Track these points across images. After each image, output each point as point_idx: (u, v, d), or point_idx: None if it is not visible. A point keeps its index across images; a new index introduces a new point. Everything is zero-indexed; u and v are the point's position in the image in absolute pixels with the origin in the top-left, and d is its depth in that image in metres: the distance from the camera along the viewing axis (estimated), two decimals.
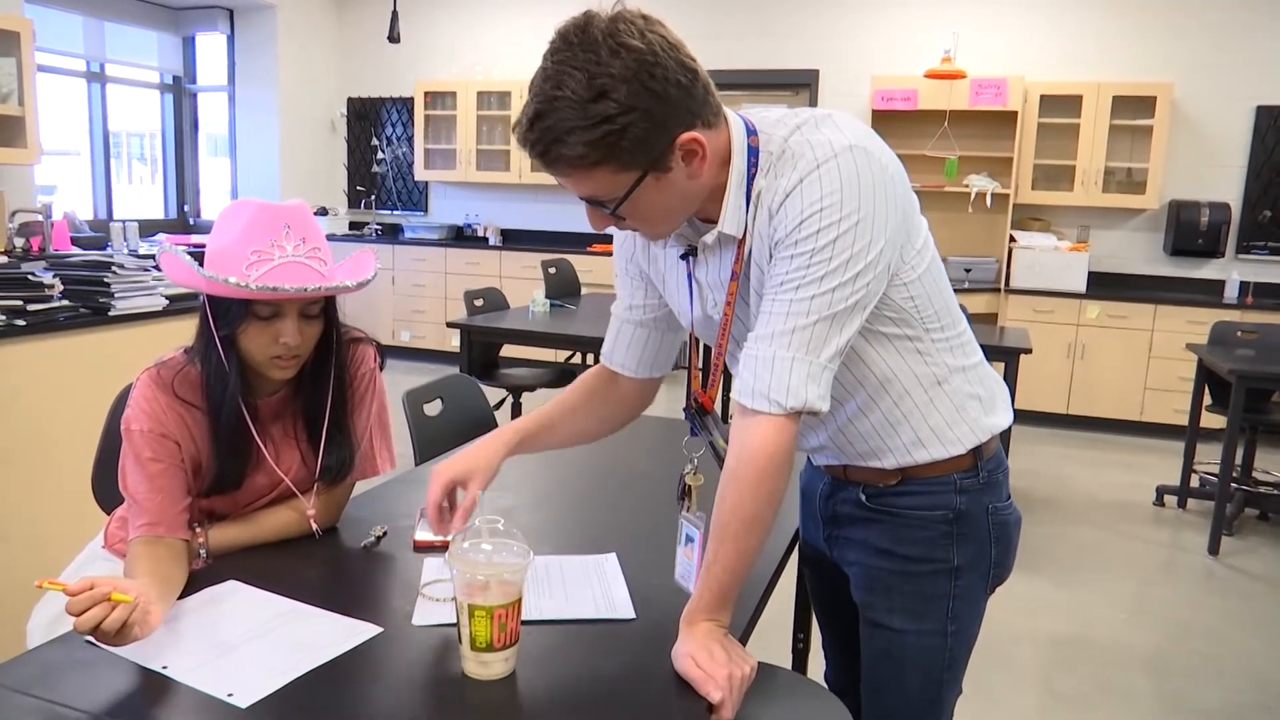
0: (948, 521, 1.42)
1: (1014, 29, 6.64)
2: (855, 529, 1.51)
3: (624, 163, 1.19)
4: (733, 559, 1.25)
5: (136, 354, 1.58)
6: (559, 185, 1.29)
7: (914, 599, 1.46)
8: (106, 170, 7.28)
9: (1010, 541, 1.49)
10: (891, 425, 1.40)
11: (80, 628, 1.15)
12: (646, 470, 2.17)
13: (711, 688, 1.15)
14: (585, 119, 1.13)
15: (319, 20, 8.19)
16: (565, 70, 1.14)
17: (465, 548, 1.21)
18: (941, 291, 1.37)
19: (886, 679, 1.51)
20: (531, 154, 1.20)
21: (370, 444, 1.72)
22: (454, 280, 7.66)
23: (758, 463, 1.24)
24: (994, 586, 1.49)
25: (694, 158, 1.23)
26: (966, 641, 1.49)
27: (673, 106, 1.18)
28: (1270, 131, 6.22)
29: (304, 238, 1.50)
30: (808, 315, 1.21)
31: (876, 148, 1.25)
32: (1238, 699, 2.91)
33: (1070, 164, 6.39)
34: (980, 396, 1.42)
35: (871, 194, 1.21)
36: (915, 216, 1.33)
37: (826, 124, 1.27)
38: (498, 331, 4.55)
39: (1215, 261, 6.43)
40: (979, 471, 1.43)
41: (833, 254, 1.20)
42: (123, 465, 1.50)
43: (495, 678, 1.18)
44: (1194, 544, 4.29)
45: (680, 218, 1.33)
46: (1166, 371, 6.07)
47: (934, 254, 1.37)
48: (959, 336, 1.41)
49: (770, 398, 1.23)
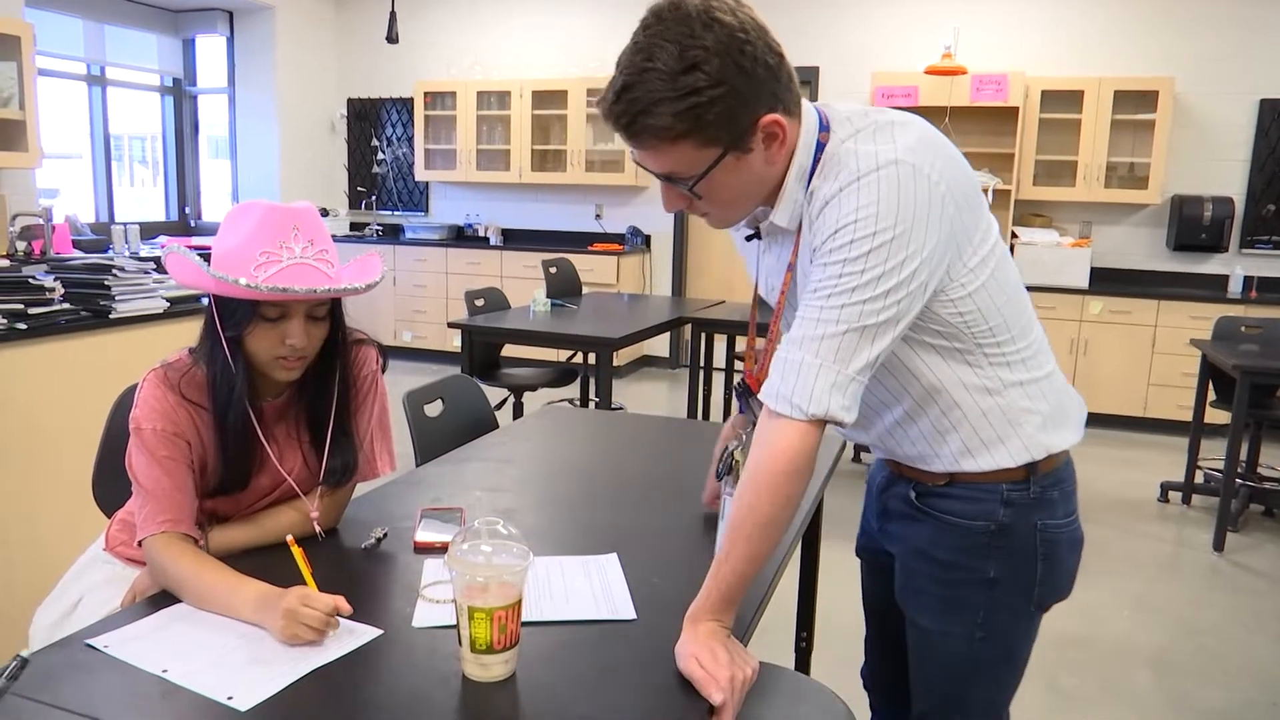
0: (988, 533, 1.40)
1: (1014, 24, 6.63)
2: (901, 525, 1.52)
3: (707, 137, 1.20)
4: (743, 561, 1.25)
5: (137, 357, 1.58)
6: (559, 185, 1.29)
7: (942, 602, 1.46)
8: (108, 173, 7.29)
9: (1059, 560, 1.44)
10: (939, 433, 1.39)
11: (313, 624, 1.25)
12: (648, 471, 2.16)
13: (713, 689, 1.14)
14: (674, 90, 1.15)
15: (318, 21, 8.19)
16: (657, 43, 1.16)
17: (465, 549, 1.20)
18: (1003, 306, 1.33)
19: (916, 669, 1.54)
20: (616, 126, 1.22)
21: (371, 446, 1.72)
22: (455, 280, 7.66)
23: (777, 467, 1.24)
24: (1045, 604, 1.46)
25: (774, 141, 1.25)
26: (1002, 653, 1.47)
27: (760, 86, 1.20)
28: (1274, 125, 6.20)
29: (312, 239, 1.50)
30: (837, 324, 1.21)
31: (929, 163, 1.23)
32: (1242, 697, 2.90)
33: (1072, 159, 6.37)
34: (1041, 412, 1.39)
35: (911, 212, 1.19)
36: (971, 232, 1.29)
37: (884, 133, 1.26)
38: (499, 331, 4.54)
39: (1219, 256, 6.41)
40: (1030, 485, 1.40)
41: (864, 267, 1.19)
42: (131, 464, 1.50)
43: (495, 680, 1.17)
44: (1198, 540, 4.28)
45: (749, 206, 1.35)
46: (1170, 367, 6.06)
47: (999, 266, 1.33)
48: (1021, 351, 1.37)
49: (793, 402, 1.23)
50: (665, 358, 7.88)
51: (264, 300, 1.46)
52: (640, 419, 2.82)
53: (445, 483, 1.96)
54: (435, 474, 2.02)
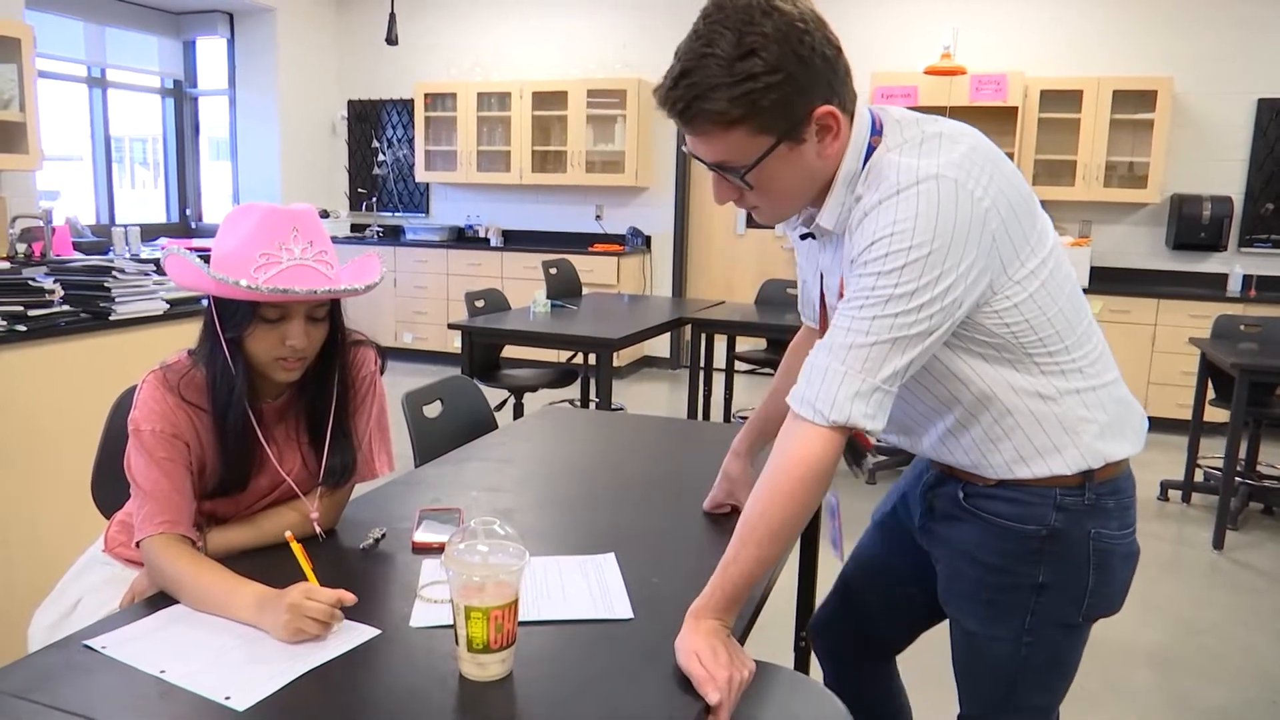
0: (1039, 538, 1.39)
1: (1013, 24, 6.63)
2: (948, 526, 1.50)
3: (762, 124, 1.21)
4: (751, 563, 1.26)
5: (137, 359, 1.58)
6: (559, 186, 1.31)
7: (988, 606, 1.46)
8: (108, 175, 7.30)
9: (1112, 572, 1.42)
10: (992, 441, 1.38)
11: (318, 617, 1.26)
12: (647, 471, 2.17)
13: (711, 689, 1.15)
14: (731, 76, 1.17)
15: (318, 23, 8.20)
16: (716, 30, 1.17)
17: (461, 549, 1.21)
18: (1054, 317, 1.32)
19: (961, 667, 1.54)
20: (671, 112, 1.23)
21: (369, 446, 1.72)
22: (455, 281, 7.66)
23: (795, 473, 1.24)
24: (1095, 615, 1.44)
25: (827, 134, 1.25)
26: (1051, 660, 1.45)
27: (816, 76, 1.21)
28: (1272, 124, 6.20)
29: (311, 240, 1.50)
30: (867, 335, 1.21)
31: (974, 178, 1.22)
32: (1243, 695, 2.91)
33: (1071, 159, 6.38)
34: (1099, 420, 1.37)
35: (950, 229, 1.19)
36: (1020, 246, 1.28)
37: (930, 145, 1.26)
38: (499, 332, 4.55)
39: (1218, 255, 6.41)
40: (1085, 492, 1.38)
41: (898, 281, 1.20)
42: (130, 465, 1.50)
43: (492, 679, 1.18)
44: (1198, 539, 4.28)
45: (799, 202, 1.35)
46: (1170, 366, 6.06)
47: (1051, 277, 1.31)
48: (1077, 360, 1.36)
49: (816, 407, 1.24)
50: (666, 358, 7.88)
51: (264, 301, 1.47)
52: (640, 419, 2.83)
53: (444, 483, 1.96)
54: (434, 474, 2.02)
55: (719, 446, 1.85)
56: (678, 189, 7.64)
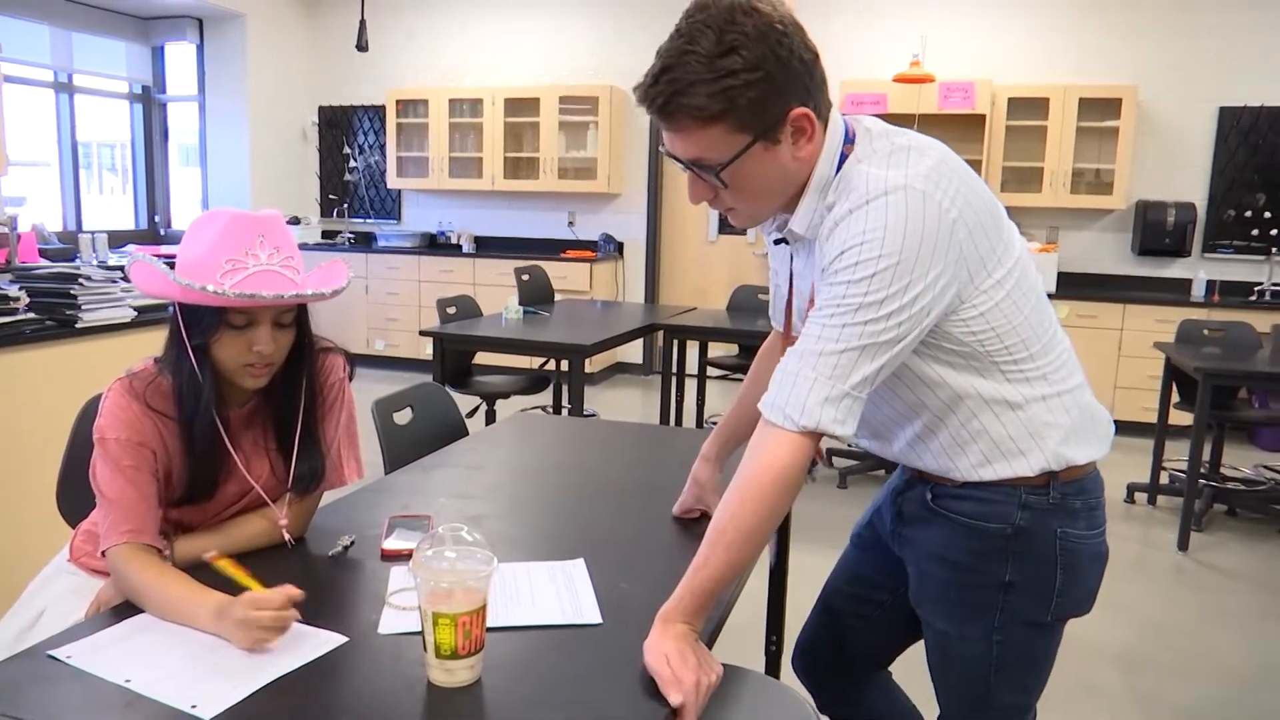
0: (1004, 536, 1.41)
1: (981, 33, 6.71)
2: (917, 528, 1.53)
3: (739, 121, 1.23)
4: (720, 567, 1.27)
5: (104, 366, 1.57)
6: (532, 192, 1.32)
7: (958, 606, 1.48)
8: (75, 181, 7.22)
9: (1081, 571, 1.44)
10: (959, 445, 1.41)
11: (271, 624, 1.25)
12: (619, 477, 2.17)
13: (674, 691, 1.16)
14: (711, 72, 1.20)
15: (289, 29, 8.16)
16: (699, 28, 1.21)
17: (429, 555, 1.21)
18: (1019, 325, 1.34)
19: (936, 670, 1.55)
20: (651, 109, 1.25)
21: (338, 453, 1.72)
22: (428, 288, 7.64)
23: (765, 478, 1.26)
24: (1065, 615, 1.46)
25: (802, 136, 1.28)
26: (1023, 658, 1.47)
27: (794, 77, 1.24)
28: (1233, 132, 6.31)
29: (278, 246, 1.50)
30: (837, 342, 1.23)
31: (941, 190, 1.24)
32: (1208, 693, 2.95)
33: (1039, 166, 6.46)
34: (1063, 425, 1.39)
35: (917, 239, 1.21)
36: (987, 256, 1.30)
37: (898, 157, 1.28)
38: (471, 339, 4.53)
39: (1182, 260, 6.52)
40: (1049, 491, 1.40)
41: (868, 290, 1.22)
42: (95, 474, 1.49)
43: (460, 685, 1.18)
44: (1164, 540, 4.34)
45: (773, 204, 1.37)
46: (1136, 370, 6.14)
47: (1017, 287, 1.33)
48: (1043, 367, 1.38)
49: (786, 413, 1.25)
50: (638, 364, 7.90)
51: (231, 307, 1.46)
52: (613, 425, 2.84)
53: (414, 490, 1.96)
54: (404, 482, 2.02)
55: (690, 452, 1.86)
56: (650, 195, 7.66)
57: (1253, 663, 3.16)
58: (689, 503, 1.80)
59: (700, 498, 1.79)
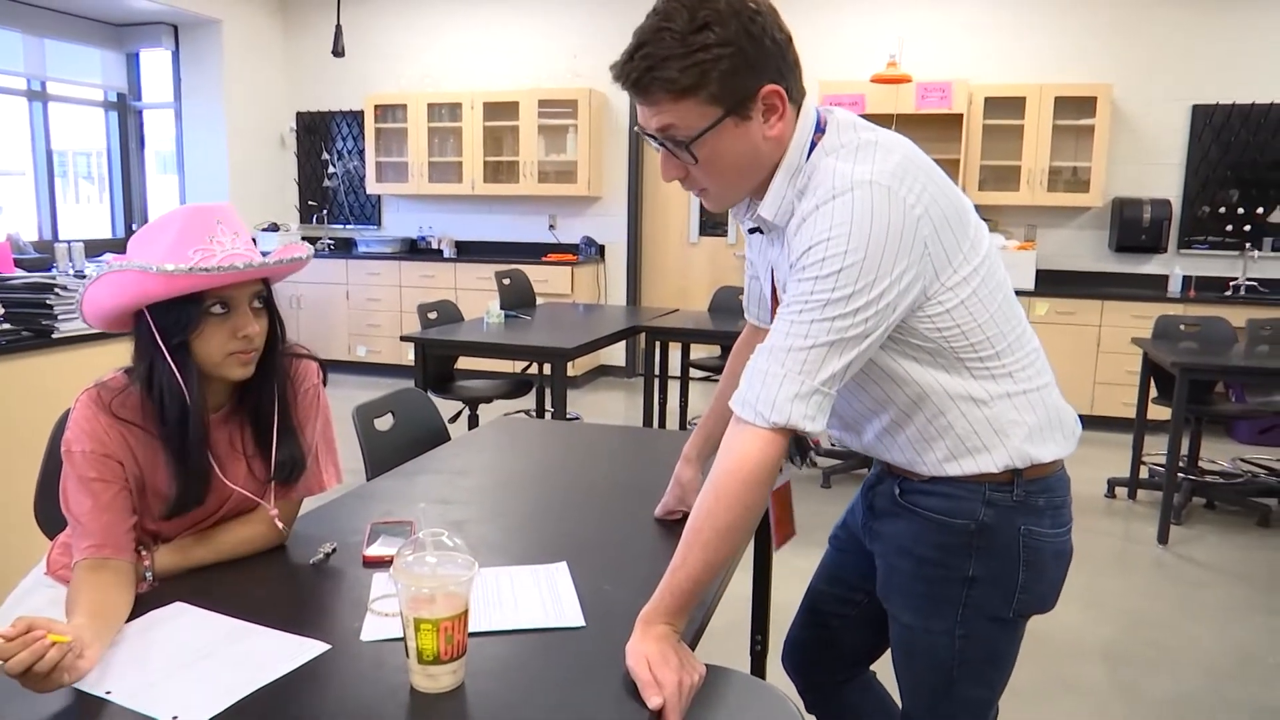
0: (968, 532, 1.42)
1: (957, 33, 6.76)
2: (886, 523, 1.54)
3: (711, 95, 1.26)
4: (698, 567, 1.27)
5: (81, 377, 1.55)
6: (512, 196, 1.34)
7: (923, 599, 1.49)
8: (50, 190, 7.16)
9: (1044, 569, 1.45)
10: (925, 440, 1.42)
11: (12, 670, 1.11)
12: (602, 480, 2.17)
13: (652, 693, 1.16)
14: (684, 47, 1.23)
15: (265, 35, 8.12)
16: (674, 7, 1.25)
17: (410, 561, 1.21)
18: (985, 323, 1.35)
19: (900, 664, 1.57)
20: (626, 84, 1.29)
21: (315, 460, 1.71)
22: (409, 294, 7.61)
23: (739, 475, 1.26)
24: (1027, 612, 1.47)
25: (773, 114, 1.30)
26: (985, 654, 1.48)
27: (767, 56, 1.27)
28: (1206, 130, 6.38)
29: (236, 232, 1.51)
30: (805, 339, 1.24)
31: (907, 186, 1.26)
32: (1188, 686, 2.98)
33: (1016, 164, 6.50)
34: (1028, 423, 1.40)
35: (883, 235, 1.22)
36: (953, 252, 1.31)
37: (865, 153, 1.30)
38: (453, 344, 4.53)
39: (1158, 257, 6.58)
40: (1013, 488, 1.41)
41: (835, 285, 1.23)
42: (64, 488, 1.48)
43: (443, 690, 1.18)
44: (1144, 534, 4.38)
45: (744, 183, 1.38)
46: (1114, 365, 6.19)
47: (984, 284, 1.34)
48: (1008, 365, 1.38)
49: (756, 409, 1.26)
50: (621, 367, 7.90)
51: (212, 294, 1.47)
52: (596, 428, 2.83)
53: (396, 496, 1.95)
54: (386, 488, 2.01)
55: (673, 454, 1.87)
56: (631, 198, 7.66)
57: (1233, 655, 3.19)
58: (671, 504, 1.81)
59: (682, 499, 1.79)
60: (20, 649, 1.11)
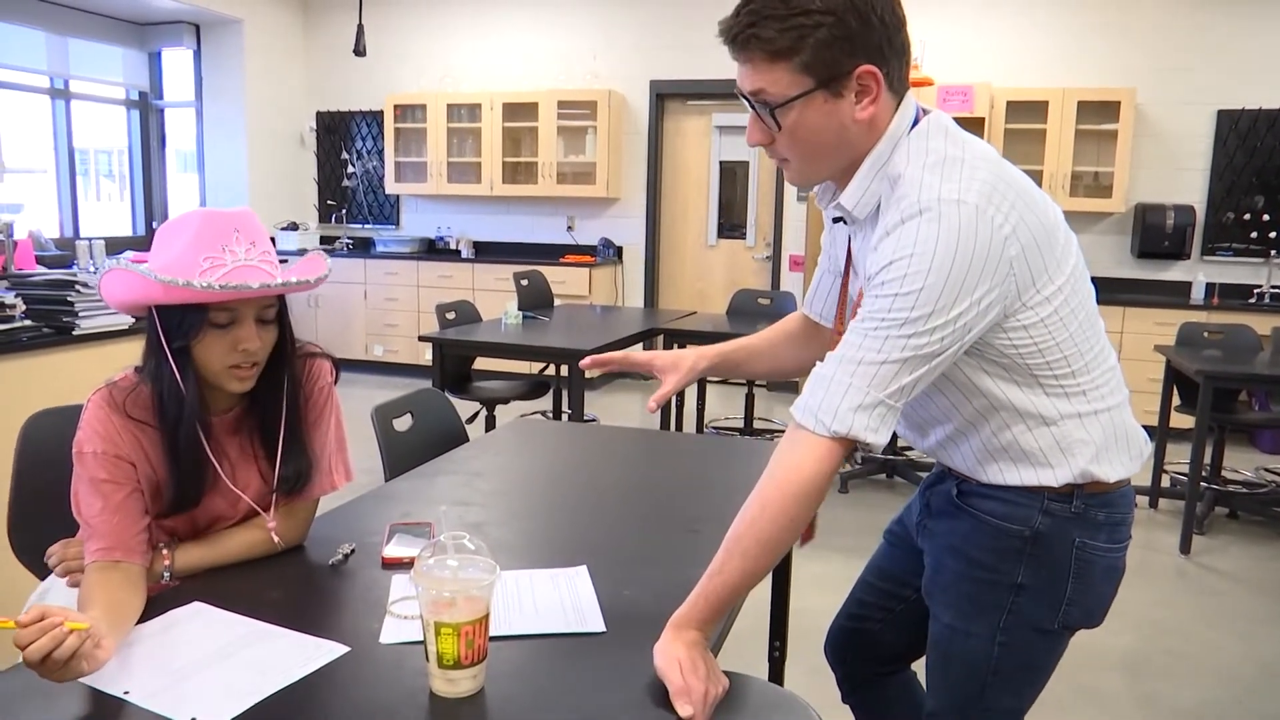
0: (1022, 538, 1.40)
1: (979, 37, 6.71)
2: (940, 522, 1.53)
3: (805, 63, 1.24)
4: (736, 576, 1.26)
5: (101, 373, 1.55)
6: (531, 197, 1.33)
7: (968, 601, 1.47)
8: (72, 188, 7.21)
9: (1092, 583, 1.43)
10: (989, 453, 1.41)
11: (30, 658, 1.09)
12: (620, 483, 2.16)
13: (684, 702, 1.14)
14: (786, 9, 1.22)
15: (286, 34, 8.16)
16: None
17: (431, 564, 1.19)
18: (1063, 342, 1.32)
19: (935, 663, 1.55)
20: (727, 39, 1.28)
21: (329, 459, 1.70)
22: (426, 294, 7.62)
23: (789, 486, 1.24)
24: (1073, 625, 1.45)
25: (866, 95, 1.28)
26: (1023, 663, 1.46)
27: (870, 33, 1.25)
28: (1231, 135, 6.31)
29: (253, 241, 1.48)
30: (878, 353, 1.22)
31: (996, 206, 1.23)
32: (1209, 695, 2.94)
33: (1038, 169, 6.45)
34: (1095, 443, 1.37)
35: (968, 257, 1.20)
36: (1039, 272, 1.28)
37: (952, 169, 1.26)
38: (470, 344, 4.53)
39: (1182, 263, 6.51)
40: (1072, 500, 1.39)
41: (914, 304, 1.20)
42: (75, 489, 1.47)
43: (463, 695, 1.16)
44: (1166, 544, 4.33)
45: (827, 163, 1.36)
46: (1136, 373, 6.13)
47: (1066, 302, 1.32)
48: (1083, 384, 1.36)
49: (818, 416, 1.24)
50: None
51: (215, 306, 1.44)
52: (613, 431, 2.82)
53: (414, 497, 1.94)
54: (404, 489, 2.00)
55: (691, 458, 1.85)
56: (649, 200, 7.65)
57: (1254, 665, 3.15)
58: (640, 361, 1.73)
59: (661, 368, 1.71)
60: (38, 635, 1.09)
